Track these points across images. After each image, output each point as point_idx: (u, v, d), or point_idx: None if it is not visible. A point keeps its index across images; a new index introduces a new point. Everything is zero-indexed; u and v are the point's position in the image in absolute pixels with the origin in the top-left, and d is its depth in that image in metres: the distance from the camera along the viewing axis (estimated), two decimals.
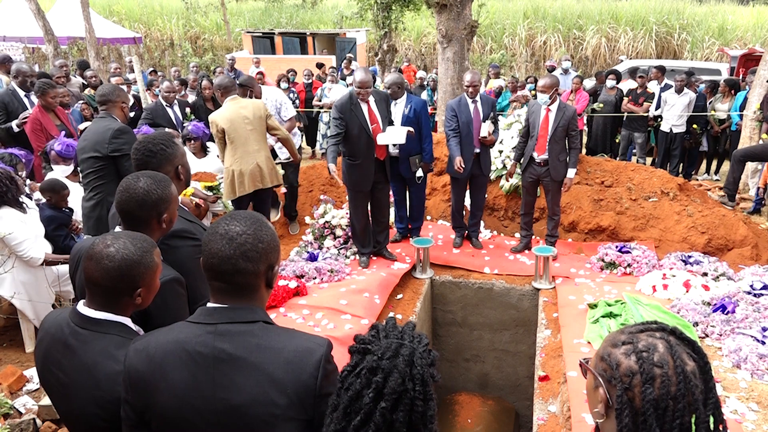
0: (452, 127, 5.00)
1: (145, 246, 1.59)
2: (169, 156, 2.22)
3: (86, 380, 1.52)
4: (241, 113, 4.54)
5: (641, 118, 8.31)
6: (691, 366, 1.09)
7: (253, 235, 1.35)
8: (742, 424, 2.99)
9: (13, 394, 3.50)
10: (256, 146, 4.61)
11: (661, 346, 1.10)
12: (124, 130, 3.56)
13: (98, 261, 1.53)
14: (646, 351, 1.10)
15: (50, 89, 5.17)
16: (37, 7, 11.21)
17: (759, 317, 3.82)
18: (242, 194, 4.64)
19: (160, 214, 1.88)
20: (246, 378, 1.28)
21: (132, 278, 1.54)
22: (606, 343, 1.18)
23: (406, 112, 4.97)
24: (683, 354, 1.10)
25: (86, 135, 3.66)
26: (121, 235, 1.60)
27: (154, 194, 1.86)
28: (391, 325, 1.28)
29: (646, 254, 4.93)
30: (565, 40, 19.80)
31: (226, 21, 20.98)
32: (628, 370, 1.09)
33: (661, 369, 1.07)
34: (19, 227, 3.71)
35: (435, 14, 7.19)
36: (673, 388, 1.06)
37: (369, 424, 1.15)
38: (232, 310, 1.35)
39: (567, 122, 4.86)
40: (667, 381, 1.06)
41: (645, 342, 1.12)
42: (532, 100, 5.41)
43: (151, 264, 1.59)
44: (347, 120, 4.52)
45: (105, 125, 3.57)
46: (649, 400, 1.06)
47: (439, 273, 5.07)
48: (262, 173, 4.65)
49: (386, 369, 1.17)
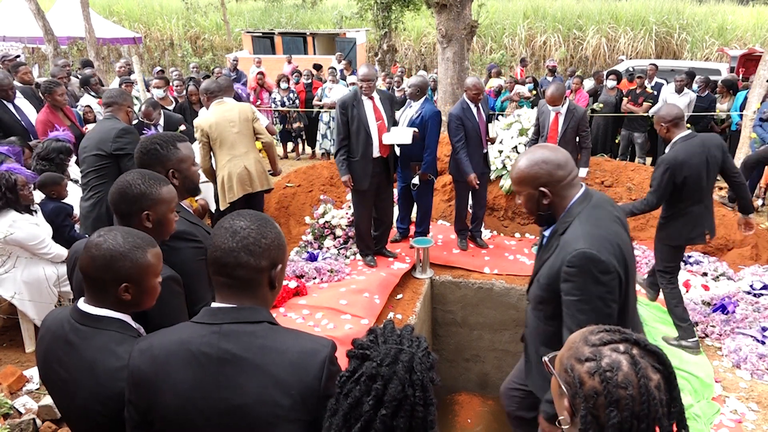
0: (459, 138, 4.89)
1: (137, 242, 1.58)
2: (161, 157, 2.18)
3: (87, 376, 1.52)
4: (227, 116, 4.46)
5: (641, 118, 8.30)
6: (656, 380, 1.08)
7: (257, 230, 1.36)
8: (742, 424, 3.00)
9: (13, 394, 3.50)
10: (244, 149, 4.51)
11: (625, 364, 1.08)
12: (129, 130, 3.60)
13: (87, 250, 1.55)
14: (609, 371, 1.08)
15: (56, 87, 5.16)
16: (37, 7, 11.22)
17: (759, 317, 3.82)
18: (232, 200, 4.51)
19: (142, 209, 1.86)
20: (250, 379, 1.28)
21: (116, 270, 1.53)
22: (570, 352, 1.16)
23: (414, 117, 4.86)
24: (648, 369, 1.08)
25: (90, 134, 3.71)
26: (117, 230, 1.61)
27: (137, 188, 1.86)
28: (389, 330, 1.27)
29: (646, 254, 4.93)
30: (565, 40, 19.81)
31: (226, 21, 20.98)
32: (592, 391, 1.08)
33: (625, 390, 1.06)
34: (35, 229, 3.78)
35: (435, 14, 7.19)
36: (637, 408, 1.05)
37: (370, 431, 1.14)
38: (236, 311, 1.35)
39: (577, 123, 4.87)
40: (631, 403, 1.05)
41: (608, 359, 1.09)
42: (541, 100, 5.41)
43: (140, 260, 1.56)
44: (348, 116, 4.50)
45: (110, 125, 3.62)
46: (614, 423, 1.05)
47: (439, 273, 5.07)
48: (251, 176, 4.54)
49: (386, 376, 1.16)
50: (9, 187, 3.72)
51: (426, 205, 5.23)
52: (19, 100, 5.61)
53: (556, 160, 2.00)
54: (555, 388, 1.20)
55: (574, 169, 2.05)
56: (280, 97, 9.65)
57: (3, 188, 3.69)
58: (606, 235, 1.90)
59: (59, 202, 4.16)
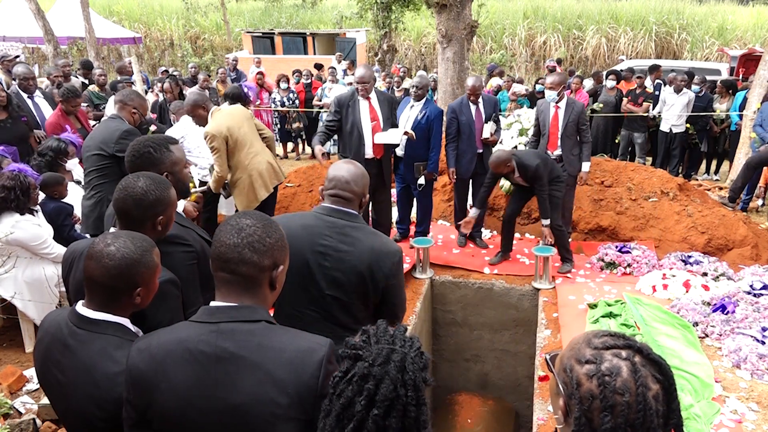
0: (451, 131, 4.98)
1: (144, 245, 1.60)
2: (155, 160, 2.16)
3: (84, 380, 1.52)
4: (235, 118, 4.58)
5: (641, 118, 8.31)
6: (655, 390, 1.06)
7: (262, 229, 1.37)
8: (742, 424, 3.00)
9: (13, 394, 3.50)
10: (259, 146, 4.66)
11: (625, 370, 1.07)
12: (133, 132, 3.57)
13: (98, 260, 1.53)
14: (608, 375, 1.06)
15: (74, 97, 5.27)
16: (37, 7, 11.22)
17: (759, 317, 3.82)
18: (264, 197, 4.67)
19: (156, 215, 1.87)
20: (247, 377, 1.28)
21: (131, 277, 1.54)
22: (571, 352, 1.15)
23: (419, 117, 4.89)
24: (648, 378, 1.07)
25: (94, 134, 3.71)
26: (121, 235, 1.60)
27: (152, 195, 1.85)
28: (382, 330, 1.27)
29: (646, 254, 4.93)
30: (565, 40, 19.80)
31: (226, 21, 20.98)
32: (588, 393, 1.07)
33: (621, 397, 1.04)
34: (37, 230, 3.82)
35: (435, 14, 7.19)
36: (633, 416, 1.04)
37: (362, 431, 1.14)
38: (234, 309, 1.35)
39: (576, 117, 4.92)
40: (626, 410, 1.04)
41: (609, 364, 1.08)
42: (540, 99, 5.43)
43: (150, 263, 1.59)
44: (343, 114, 4.54)
45: (114, 126, 3.62)
46: (606, 429, 1.04)
47: (439, 273, 5.07)
48: (274, 168, 4.75)
49: (378, 376, 1.16)
50: (24, 189, 3.77)
51: (427, 205, 5.26)
52: (39, 98, 5.84)
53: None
54: (552, 387, 1.20)
55: None
56: (279, 97, 9.65)
57: (18, 190, 3.73)
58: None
59: (60, 202, 4.18)
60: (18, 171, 3.86)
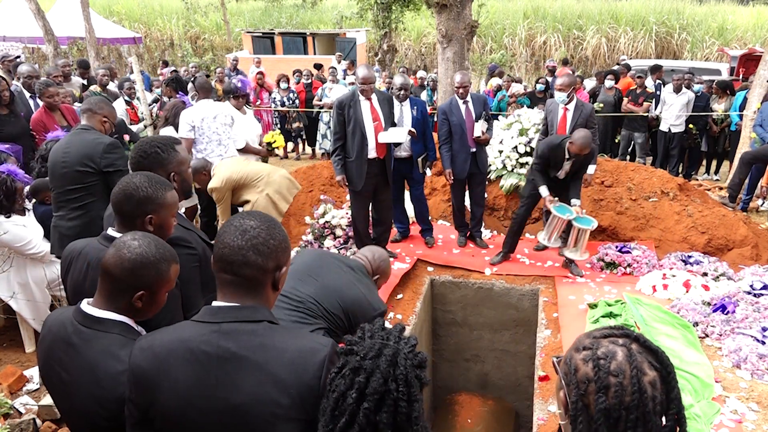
0: (443, 132, 5.02)
1: (166, 254, 1.61)
2: (162, 161, 2.18)
3: (88, 379, 1.52)
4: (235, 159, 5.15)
5: (641, 118, 8.31)
6: (651, 376, 1.07)
7: (266, 231, 1.37)
8: (742, 424, 3.00)
9: (13, 394, 3.51)
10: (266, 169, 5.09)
11: (621, 354, 1.08)
12: (116, 145, 3.31)
13: (118, 249, 1.56)
14: (603, 358, 1.08)
15: (46, 88, 5.12)
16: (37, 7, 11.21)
17: (759, 317, 3.82)
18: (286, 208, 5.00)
19: (146, 213, 1.87)
20: (249, 377, 1.28)
21: (140, 277, 1.55)
22: (572, 346, 1.17)
23: (414, 114, 5.03)
24: (644, 363, 1.08)
25: (68, 147, 3.24)
26: (149, 237, 1.62)
27: (143, 191, 1.86)
28: (378, 327, 1.28)
29: (646, 254, 4.93)
30: (565, 40, 19.81)
31: (226, 21, 20.98)
32: (584, 377, 1.09)
33: (616, 378, 1.06)
34: (21, 231, 3.80)
35: (435, 14, 7.19)
36: (627, 398, 1.05)
37: (354, 425, 1.14)
38: (237, 309, 1.35)
39: (585, 120, 4.89)
40: (621, 391, 1.05)
41: (605, 349, 1.10)
42: (549, 99, 5.41)
43: (163, 271, 1.59)
44: (345, 116, 4.55)
45: (93, 137, 3.25)
46: (601, 408, 1.05)
47: (439, 273, 5.07)
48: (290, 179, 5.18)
49: (368, 369, 1.17)
50: (8, 194, 3.73)
51: (420, 199, 5.38)
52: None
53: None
54: (556, 385, 1.21)
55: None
56: (280, 97, 9.65)
57: (1, 194, 3.70)
58: None
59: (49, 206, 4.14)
60: (7, 174, 3.82)
